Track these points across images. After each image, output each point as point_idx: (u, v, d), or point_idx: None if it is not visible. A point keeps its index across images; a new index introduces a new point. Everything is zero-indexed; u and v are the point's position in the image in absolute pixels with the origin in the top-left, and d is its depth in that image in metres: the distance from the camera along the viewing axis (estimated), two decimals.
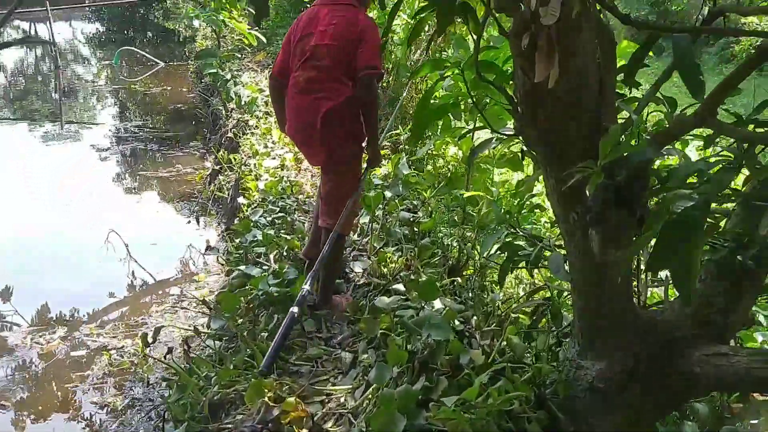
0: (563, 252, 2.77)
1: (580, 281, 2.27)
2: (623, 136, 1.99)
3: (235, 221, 4.92)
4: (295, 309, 2.92)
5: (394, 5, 2.47)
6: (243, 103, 6.80)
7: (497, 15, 2.24)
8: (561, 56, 1.83)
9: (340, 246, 3.41)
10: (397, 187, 4.99)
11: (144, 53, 12.77)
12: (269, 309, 3.30)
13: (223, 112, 7.65)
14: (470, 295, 3.62)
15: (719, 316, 2.16)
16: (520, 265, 3.40)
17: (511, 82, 2.57)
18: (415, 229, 4.08)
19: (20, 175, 7.87)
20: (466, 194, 3.67)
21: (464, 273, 4.08)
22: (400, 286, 3.42)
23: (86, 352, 4.62)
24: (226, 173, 6.44)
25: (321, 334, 3.22)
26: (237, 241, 4.37)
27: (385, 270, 3.58)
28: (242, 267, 3.66)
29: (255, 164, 5.43)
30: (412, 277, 3.53)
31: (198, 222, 6.57)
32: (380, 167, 4.13)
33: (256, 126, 6.51)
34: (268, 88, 3.27)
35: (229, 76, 7.31)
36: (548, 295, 3.27)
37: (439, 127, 4.20)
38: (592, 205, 2.05)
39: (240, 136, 6.49)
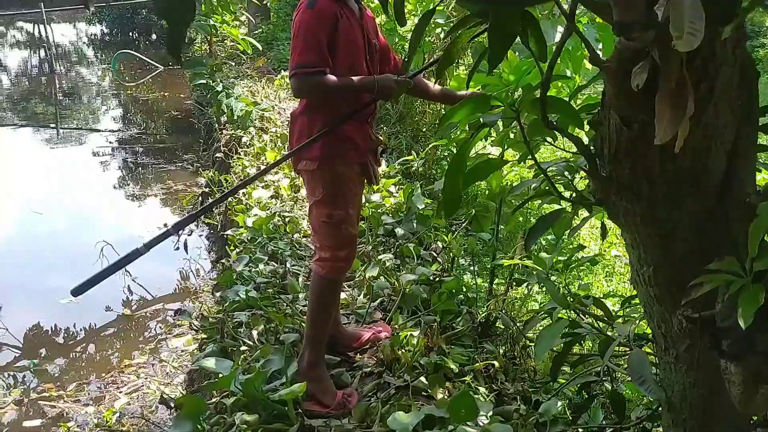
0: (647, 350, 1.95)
1: (682, 407, 1.61)
2: None
3: (218, 266, 4.01)
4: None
5: (421, 19, 1.57)
6: (236, 117, 5.88)
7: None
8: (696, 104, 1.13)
9: (324, 296, 2.57)
10: (410, 223, 4.09)
11: (142, 57, 11.83)
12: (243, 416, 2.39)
13: (216, 126, 6.72)
14: (509, 387, 2.71)
15: None
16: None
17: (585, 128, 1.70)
18: (435, 287, 3.18)
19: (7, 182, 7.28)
20: (507, 262, 2.73)
21: (494, 332, 3.18)
22: (423, 381, 2.52)
23: (41, 423, 3.72)
24: (216, 196, 5.54)
25: None
26: (217, 295, 3.48)
27: (401, 355, 2.66)
28: (211, 349, 2.76)
29: (245, 193, 4.51)
30: (437, 360, 2.63)
31: (186, 250, 5.65)
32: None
33: (250, 143, 5.59)
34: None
35: (220, 87, 6.38)
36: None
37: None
38: (725, 327, 1.29)
39: (232, 156, 5.57)
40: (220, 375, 2.44)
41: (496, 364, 2.77)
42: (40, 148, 8.93)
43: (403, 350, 2.68)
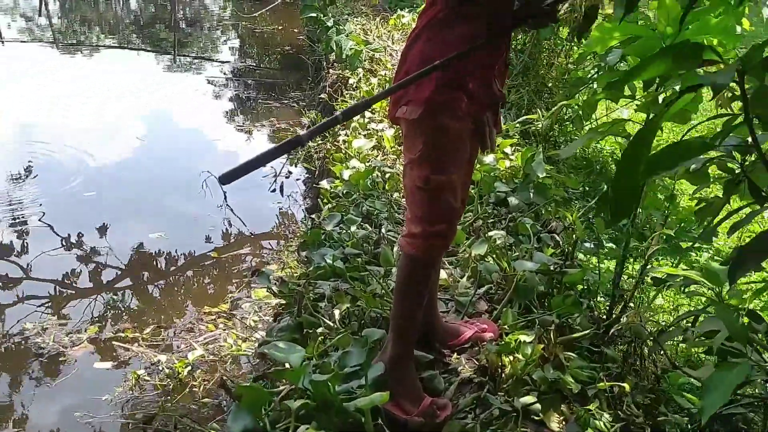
0: None
1: None
2: None
3: (307, 221, 3.52)
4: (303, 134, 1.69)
5: None
6: (344, 56, 5.31)
7: None
8: None
9: (413, 280, 2.00)
10: (526, 193, 3.45)
11: None
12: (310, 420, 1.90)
13: (324, 64, 6.19)
14: (639, 415, 2.10)
15: None
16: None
17: None
18: (555, 279, 2.56)
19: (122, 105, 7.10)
20: (667, 270, 2.03)
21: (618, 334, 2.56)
22: (528, 400, 1.95)
23: (111, 366, 3.42)
24: (317, 140, 5.05)
25: None
26: (302, 254, 3.00)
27: (509, 364, 2.09)
28: (286, 323, 2.27)
29: (345, 141, 3.97)
30: (553, 377, 2.04)
31: (281, 193, 5.23)
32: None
33: (356, 86, 5.03)
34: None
35: (331, 23, 5.81)
36: None
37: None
38: None
39: (336, 98, 5.03)
40: (289, 366, 1.95)
41: (626, 386, 2.15)
42: (156, 74, 8.74)
43: (513, 359, 2.10)
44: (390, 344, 2.05)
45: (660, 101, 2.75)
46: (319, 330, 2.26)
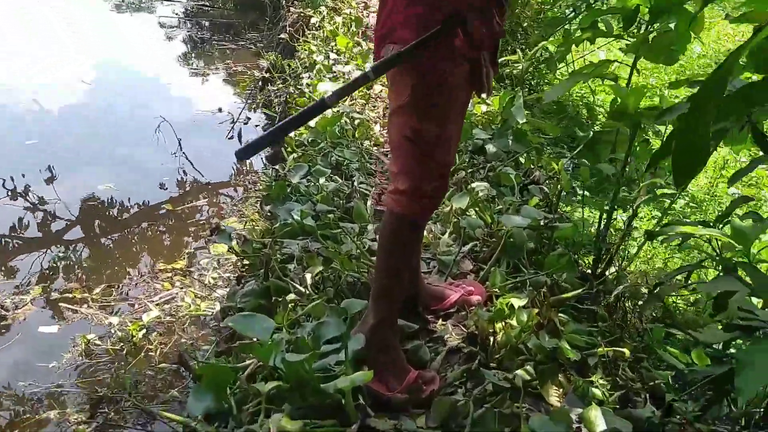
0: None
1: None
2: None
3: (270, 172, 3.21)
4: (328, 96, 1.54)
5: None
6: None
7: None
8: None
9: (398, 240, 1.76)
10: (505, 140, 3.21)
11: None
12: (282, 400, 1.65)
13: (283, 2, 5.77)
14: (636, 381, 1.92)
15: None
16: None
17: None
18: (544, 235, 2.33)
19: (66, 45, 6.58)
20: (693, 230, 1.77)
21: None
22: (523, 376, 1.74)
23: (58, 330, 3.11)
24: (277, 84, 4.70)
25: None
26: (266, 209, 2.71)
27: (499, 330, 1.86)
28: (251, 288, 2.01)
29: (308, 84, 3.65)
30: (550, 344, 1.83)
31: (240, 140, 4.88)
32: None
33: (319, 25, 4.65)
34: None
35: None
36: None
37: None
38: None
39: (297, 38, 4.66)
40: (257, 341, 1.70)
41: (626, 352, 1.96)
42: (103, 13, 8.13)
43: (505, 325, 1.88)
44: (372, 311, 1.80)
45: (650, 41, 2.53)
46: (290, 297, 2.00)
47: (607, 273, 2.53)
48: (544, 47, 3.93)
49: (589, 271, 2.58)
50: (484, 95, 1.74)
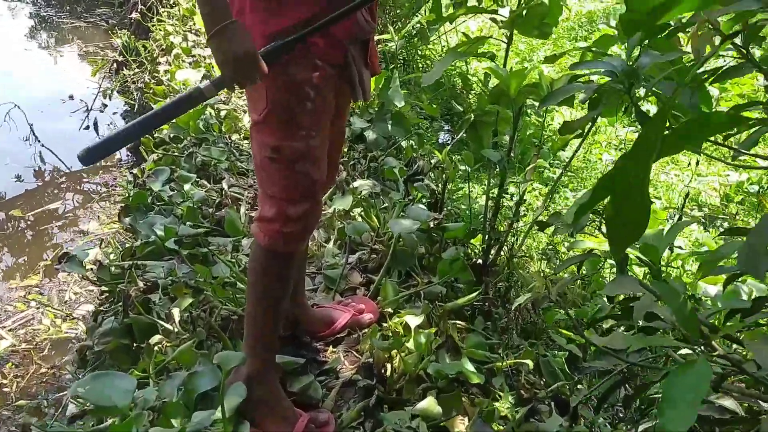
0: None
1: None
2: None
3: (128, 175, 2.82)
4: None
5: None
6: None
7: None
8: None
9: (269, 278, 1.49)
10: (384, 125, 2.99)
11: None
12: None
13: None
14: (540, 389, 1.78)
15: None
16: None
17: None
18: (434, 235, 2.14)
19: None
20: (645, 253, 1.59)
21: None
22: (426, 411, 1.54)
23: None
24: (133, 68, 4.21)
25: None
26: (126, 221, 2.34)
27: (395, 356, 1.66)
28: (110, 327, 1.69)
29: (166, 71, 3.24)
30: (452, 370, 1.64)
31: (96, 130, 4.36)
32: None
33: (174, 2, 4.20)
34: None
35: None
36: None
37: None
38: None
39: (151, 18, 4.18)
40: (116, 408, 1.39)
41: (529, 363, 1.82)
42: None
43: (402, 350, 1.68)
44: (248, 360, 1.53)
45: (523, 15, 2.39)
46: (154, 339, 1.69)
47: (497, 262, 2.41)
48: (419, 21, 3.72)
49: (480, 261, 2.45)
50: (360, 100, 1.48)
